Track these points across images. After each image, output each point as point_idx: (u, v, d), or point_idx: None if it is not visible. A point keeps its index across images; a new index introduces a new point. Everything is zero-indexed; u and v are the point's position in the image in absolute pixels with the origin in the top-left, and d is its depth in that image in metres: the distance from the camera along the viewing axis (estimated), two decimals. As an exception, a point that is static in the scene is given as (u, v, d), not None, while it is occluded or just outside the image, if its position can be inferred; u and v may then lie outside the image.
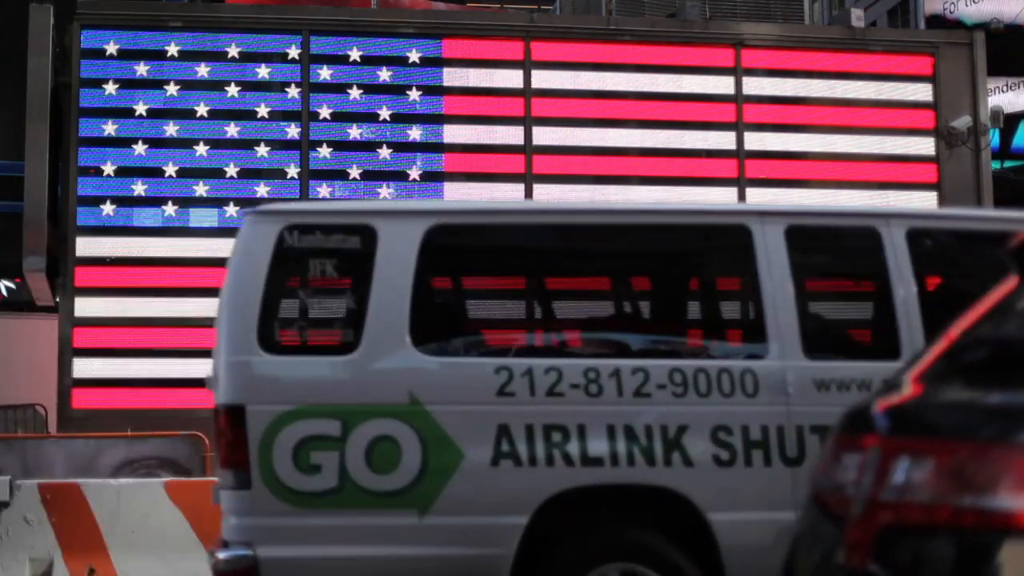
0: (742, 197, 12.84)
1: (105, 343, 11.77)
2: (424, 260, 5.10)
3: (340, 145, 12.38)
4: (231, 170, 12.17)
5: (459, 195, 12.48)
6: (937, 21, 24.88)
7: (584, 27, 13.30)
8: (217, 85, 12.27)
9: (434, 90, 12.61)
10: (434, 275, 5.43)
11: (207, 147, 12.15)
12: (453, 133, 12.59)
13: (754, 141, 13.02)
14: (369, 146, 12.41)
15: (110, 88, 12.09)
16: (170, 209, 12.05)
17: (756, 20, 14.50)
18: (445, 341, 5.26)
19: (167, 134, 12.12)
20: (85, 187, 11.99)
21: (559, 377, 4.99)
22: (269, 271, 5.05)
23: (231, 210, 12.10)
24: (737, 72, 13.06)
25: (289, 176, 12.28)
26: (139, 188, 12.03)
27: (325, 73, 12.45)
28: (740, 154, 12.94)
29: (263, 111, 12.32)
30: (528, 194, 12.51)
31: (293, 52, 12.44)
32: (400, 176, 12.42)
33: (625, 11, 14.60)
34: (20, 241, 11.79)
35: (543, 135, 12.65)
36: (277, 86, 12.42)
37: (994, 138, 13.66)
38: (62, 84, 12.10)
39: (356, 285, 5.27)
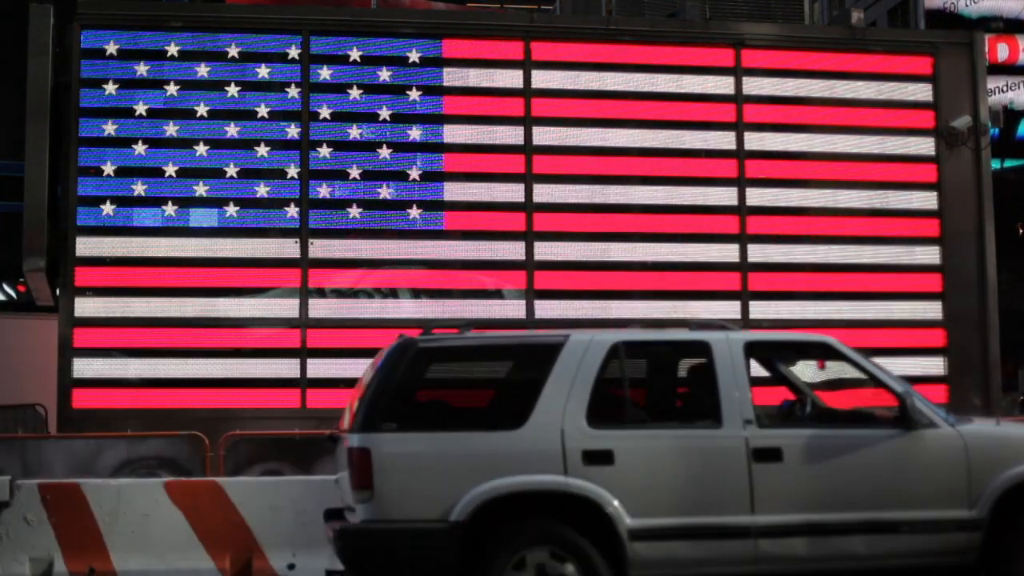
0: (742, 197, 12.84)
1: (105, 343, 11.76)
2: None
3: (340, 145, 12.38)
4: (231, 170, 12.17)
5: (459, 195, 12.49)
6: (937, 16, 24.85)
7: (584, 27, 13.30)
8: (217, 85, 12.27)
9: (434, 90, 12.60)
10: None
11: (207, 147, 12.15)
12: (453, 133, 12.59)
13: (754, 141, 13.02)
14: (369, 146, 12.41)
15: (110, 88, 12.09)
16: (170, 209, 12.05)
17: (756, 20, 14.51)
18: None
19: (167, 134, 12.12)
20: (85, 187, 11.99)
21: None
22: None
23: (231, 210, 12.11)
24: (737, 72, 13.06)
25: (289, 176, 12.28)
26: (139, 188, 12.03)
27: (325, 73, 12.45)
28: (740, 154, 12.94)
29: (263, 111, 12.32)
30: (528, 194, 12.51)
31: (293, 52, 12.43)
32: (400, 176, 12.42)
33: (625, 11, 14.62)
34: (20, 241, 11.79)
35: (543, 135, 12.65)
36: (277, 86, 12.42)
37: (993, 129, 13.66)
38: (62, 84, 12.09)
39: None
